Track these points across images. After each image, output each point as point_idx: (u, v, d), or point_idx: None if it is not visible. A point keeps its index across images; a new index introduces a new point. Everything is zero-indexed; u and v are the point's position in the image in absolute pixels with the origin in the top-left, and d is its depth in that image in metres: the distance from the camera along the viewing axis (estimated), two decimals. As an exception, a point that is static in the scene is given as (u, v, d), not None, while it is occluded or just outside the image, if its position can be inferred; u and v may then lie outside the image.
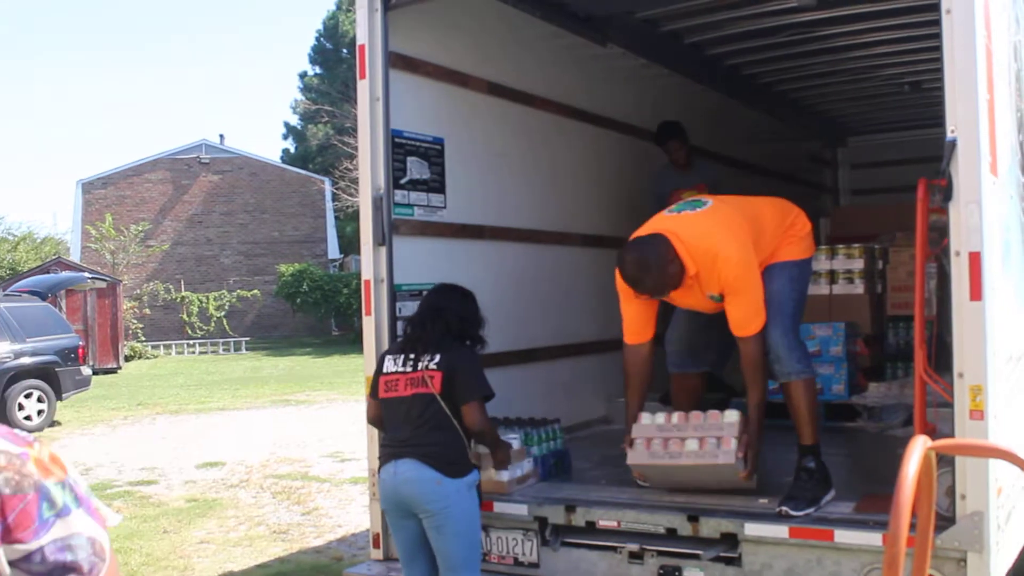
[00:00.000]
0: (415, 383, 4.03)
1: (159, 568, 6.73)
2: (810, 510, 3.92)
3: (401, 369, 4.09)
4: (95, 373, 18.54)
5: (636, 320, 4.40)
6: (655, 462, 4.19)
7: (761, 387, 4.22)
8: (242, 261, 35.23)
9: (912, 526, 1.72)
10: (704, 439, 4.11)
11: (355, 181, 27.82)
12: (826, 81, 8.66)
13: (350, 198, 30.76)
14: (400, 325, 4.65)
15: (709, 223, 4.22)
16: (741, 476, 4.09)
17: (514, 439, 4.53)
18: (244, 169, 35.78)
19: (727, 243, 4.11)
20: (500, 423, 4.72)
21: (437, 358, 4.04)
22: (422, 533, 4.01)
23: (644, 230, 4.29)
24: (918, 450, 1.70)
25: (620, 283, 4.29)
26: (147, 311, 31.92)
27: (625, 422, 4.48)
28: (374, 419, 4.32)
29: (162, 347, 30.77)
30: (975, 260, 3.42)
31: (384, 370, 4.17)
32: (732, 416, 4.19)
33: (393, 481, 3.99)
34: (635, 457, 4.22)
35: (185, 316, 33.25)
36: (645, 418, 4.32)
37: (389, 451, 4.08)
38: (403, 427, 4.04)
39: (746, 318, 4.16)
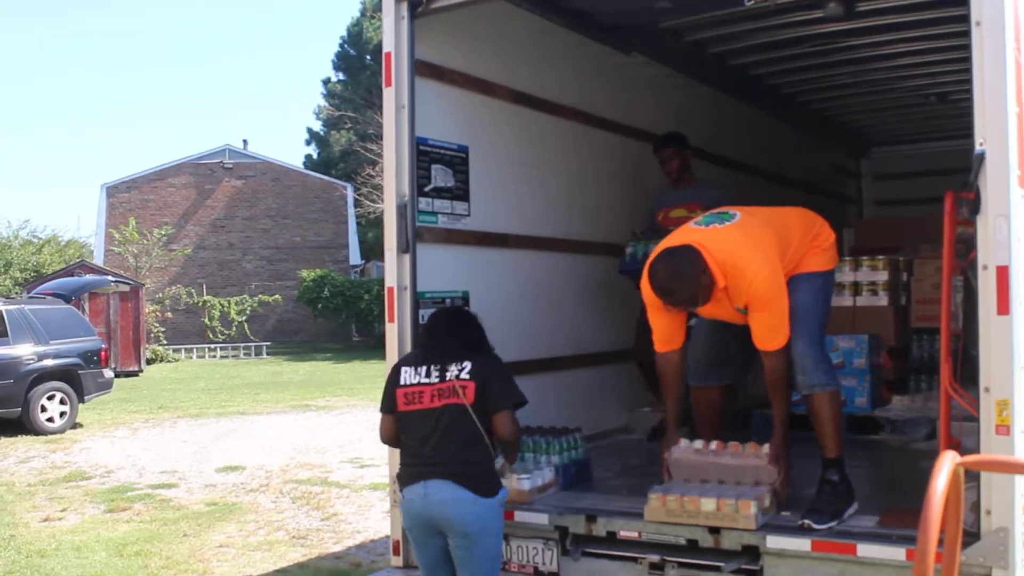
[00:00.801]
0: (444, 394, 3.86)
1: (179, 571, 6.76)
2: (833, 523, 3.90)
3: (425, 380, 3.92)
4: (117, 376, 18.64)
5: (665, 329, 4.38)
6: (672, 520, 4.07)
7: (785, 402, 4.21)
8: (264, 266, 35.42)
9: (939, 542, 1.71)
10: (722, 501, 3.94)
11: (377, 187, 27.99)
12: (850, 92, 8.62)
13: (372, 204, 30.87)
14: (423, 333, 4.64)
15: (737, 236, 4.16)
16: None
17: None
18: (267, 174, 35.97)
19: (755, 257, 4.06)
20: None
21: (467, 367, 3.87)
22: (447, 548, 3.92)
23: (671, 241, 4.23)
24: (947, 465, 1.69)
25: (648, 293, 4.21)
26: (169, 315, 32.11)
27: (667, 423, 4.54)
28: (390, 437, 4.11)
29: (183, 351, 30.94)
30: (1003, 274, 3.39)
31: (402, 382, 3.98)
32: (763, 460, 4.14)
33: (423, 503, 3.83)
34: (652, 514, 4.08)
35: (207, 320, 33.43)
36: (683, 443, 4.28)
37: (415, 470, 3.89)
38: (428, 441, 3.85)
39: (770, 332, 4.12)
